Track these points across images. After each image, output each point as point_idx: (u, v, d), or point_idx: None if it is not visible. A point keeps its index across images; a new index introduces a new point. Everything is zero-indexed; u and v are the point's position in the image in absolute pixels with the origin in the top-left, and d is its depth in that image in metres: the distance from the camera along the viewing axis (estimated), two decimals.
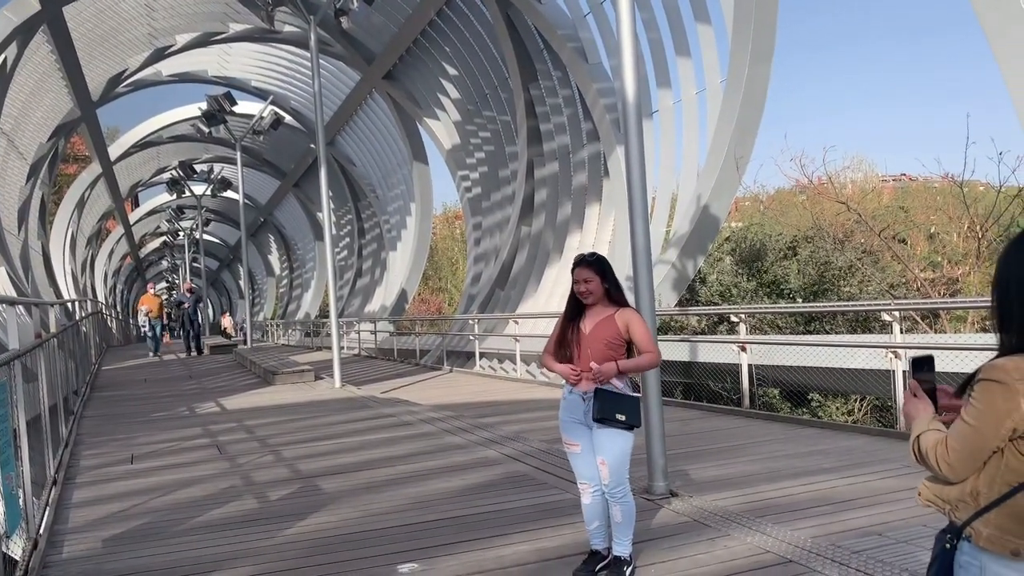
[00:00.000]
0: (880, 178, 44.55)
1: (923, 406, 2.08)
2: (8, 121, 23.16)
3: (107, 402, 13.07)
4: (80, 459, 8.04)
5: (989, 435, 1.90)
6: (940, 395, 2.11)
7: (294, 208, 48.68)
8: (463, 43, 24.63)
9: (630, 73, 5.63)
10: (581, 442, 4.04)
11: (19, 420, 4.87)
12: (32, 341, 6.47)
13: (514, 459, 6.96)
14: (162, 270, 72.05)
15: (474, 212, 28.31)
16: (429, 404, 11.01)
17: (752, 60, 14.89)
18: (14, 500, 4.37)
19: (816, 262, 18.32)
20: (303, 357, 21.15)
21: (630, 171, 5.63)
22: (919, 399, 2.10)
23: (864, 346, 10.03)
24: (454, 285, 57.39)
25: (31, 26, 19.80)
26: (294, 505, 5.84)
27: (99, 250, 53.36)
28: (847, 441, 7.31)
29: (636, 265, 5.58)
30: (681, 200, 17.48)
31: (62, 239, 36.96)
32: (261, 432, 9.27)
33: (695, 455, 6.92)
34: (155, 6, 25.63)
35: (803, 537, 4.52)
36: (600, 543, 4.16)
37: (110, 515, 5.80)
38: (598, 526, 4.13)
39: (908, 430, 2.09)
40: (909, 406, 2.12)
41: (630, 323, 4.02)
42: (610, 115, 18.78)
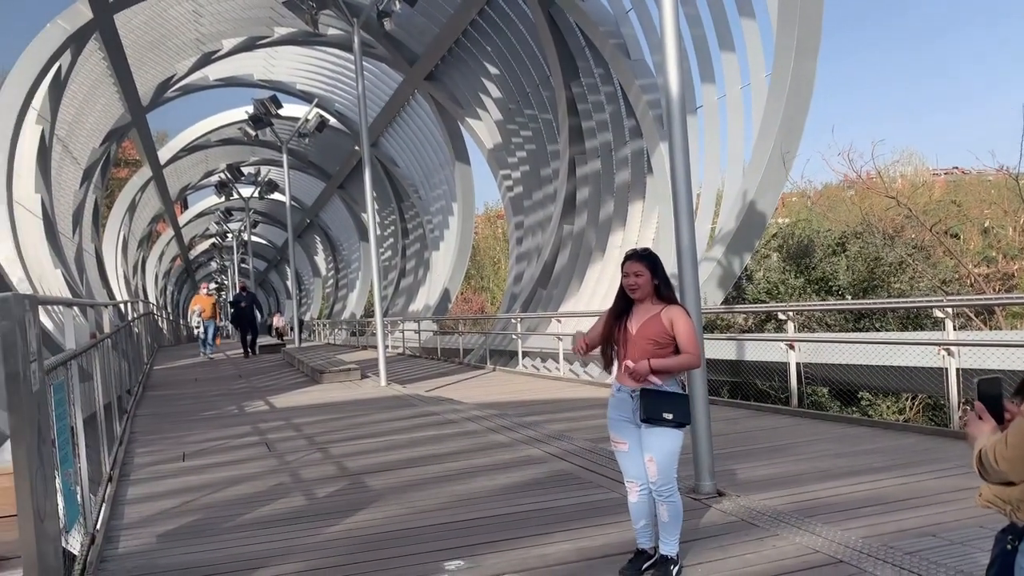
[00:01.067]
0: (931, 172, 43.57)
1: (986, 426, 2.02)
2: (63, 127, 23.78)
3: (159, 401, 13.36)
4: (134, 457, 8.22)
5: None
6: (1006, 413, 2.04)
7: (339, 209, 49.24)
8: (504, 42, 24.67)
9: (674, 69, 5.59)
10: (629, 440, 4.01)
11: (76, 418, 4.99)
12: (87, 341, 6.64)
13: (558, 458, 6.96)
14: (211, 271, 73.35)
15: (516, 211, 28.34)
16: (473, 402, 11.04)
17: (798, 54, 14.68)
18: (72, 496, 4.48)
19: (865, 258, 17.98)
20: (349, 356, 21.38)
21: (674, 168, 5.59)
22: (983, 420, 2.03)
23: (916, 343, 9.82)
24: (496, 284, 57.51)
25: (84, 34, 20.32)
26: (341, 502, 5.91)
27: (150, 252, 54.55)
28: (898, 440, 7.16)
29: (681, 263, 5.54)
30: (727, 196, 17.29)
31: (114, 242, 37.86)
32: (309, 430, 9.39)
33: (743, 454, 6.84)
34: (202, 12, 26.10)
35: (854, 537, 4.45)
36: (646, 542, 4.13)
37: (163, 511, 5.93)
38: (644, 524, 4.10)
39: (969, 444, 2.03)
40: (972, 427, 2.04)
41: (675, 320, 3.96)
42: (653, 111, 18.65)
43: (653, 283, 4.01)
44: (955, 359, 7.52)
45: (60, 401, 4.32)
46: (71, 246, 25.68)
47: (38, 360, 3.49)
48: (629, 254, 4.09)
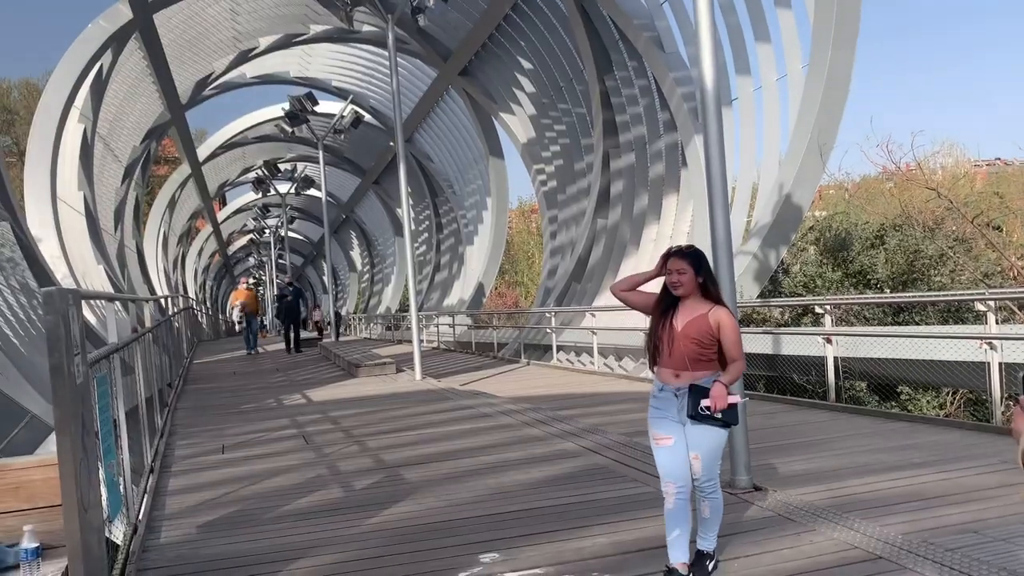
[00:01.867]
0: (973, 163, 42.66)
1: None
2: (104, 126, 24.23)
3: (199, 394, 13.56)
4: (175, 449, 8.37)
5: None
6: None
7: (374, 205, 49.57)
8: (538, 36, 24.63)
9: (708, 61, 5.55)
10: (674, 436, 3.94)
11: (119, 411, 5.10)
12: (129, 335, 6.77)
13: (593, 451, 6.95)
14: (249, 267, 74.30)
15: (550, 205, 28.31)
16: (507, 396, 11.07)
17: (835, 44, 14.47)
18: (115, 487, 4.58)
19: (905, 251, 17.65)
20: (385, 350, 21.53)
21: (709, 160, 5.55)
22: None
23: (957, 337, 9.64)
24: (530, 279, 57.53)
25: (124, 34, 20.68)
26: (378, 494, 5.96)
27: (189, 248, 55.42)
28: (939, 436, 7.05)
29: (717, 257, 5.50)
30: (762, 189, 17.11)
31: (155, 238, 38.53)
32: (346, 423, 9.48)
33: (779, 449, 6.77)
34: (239, 10, 26.41)
35: (893, 533, 4.39)
36: (679, 556, 3.92)
37: (203, 503, 6.03)
38: (679, 535, 3.92)
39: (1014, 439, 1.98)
40: (1018, 422, 1.99)
41: (721, 324, 3.90)
42: (687, 104, 18.51)
43: (697, 280, 3.95)
44: (998, 353, 7.38)
45: (103, 394, 4.41)
46: (113, 242, 26.17)
47: (81, 353, 3.57)
48: (673, 251, 4.02)
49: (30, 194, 18.97)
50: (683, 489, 3.92)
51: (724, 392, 3.82)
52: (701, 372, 3.91)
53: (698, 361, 3.90)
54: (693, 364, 3.90)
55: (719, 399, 3.80)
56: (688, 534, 3.97)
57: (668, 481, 3.95)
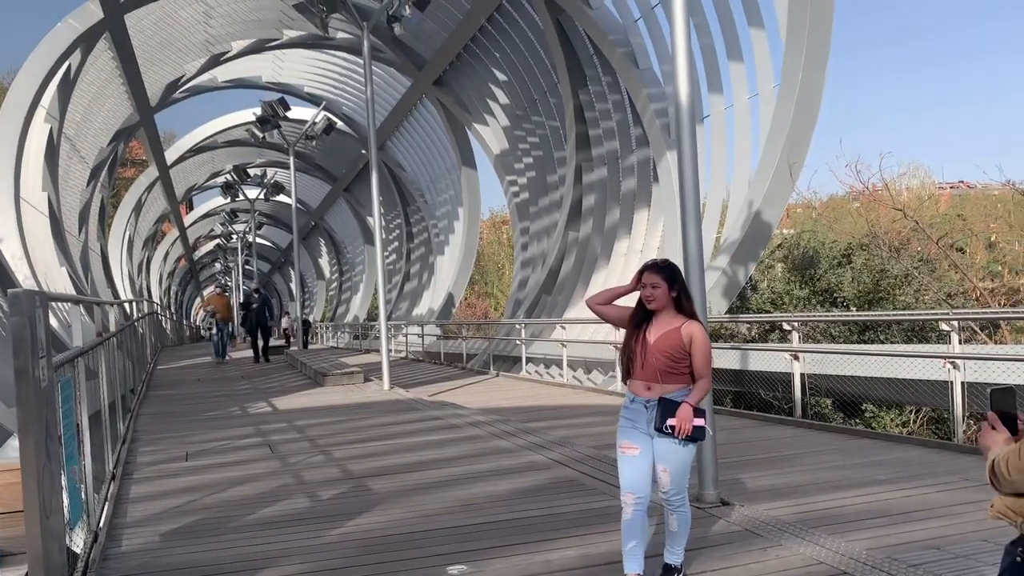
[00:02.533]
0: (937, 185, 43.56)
1: (999, 436, 2.00)
2: (71, 126, 23.86)
3: (162, 401, 13.37)
4: (137, 456, 8.23)
5: None
6: (1021, 423, 2.02)
7: (344, 212, 49.33)
8: (513, 48, 24.73)
9: (683, 78, 5.60)
10: (641, 447, 3.95)
11: (82, 416, 5.00)
12: (93, 339, 6.65)
13: (562, 464, 6.95)
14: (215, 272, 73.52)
15: (522, 217, 28.37)
16: (476, 408, 11.04)
17: (806, 65, 14.69)
18: (77, 493, 4.49)
19: (871, 270, 17.94)
20: (352, 359, 21.38)
21: (682, 176, 5.59)
22: (997, 431, 2.01)
23: (921, 356, 9.80)
24: (500, 290, 57.55)
25: (94, 34, 20.40)
26: (344, 505, 5.91)
27: (155, 252, 54.65)
28: (903, 453, 7.15)
29: (688, 271, 5.53)
30: (732, 206, 17.30)
31: (120, 241, 37.94)
32: (312, 432, 9.39)
33: (746, 464, 6.82)
34: (212, 13, 26.20)
35: (858, 549, 4.43)
36: (635, 567, 3.95)
37: (166, 511, 5.93)
38: (635, 546, 3.94)
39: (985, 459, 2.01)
40: (985, 438, 2.02)
41: (693, 339, 3.92)
42: (660, 120, 18.68)
43: (671, 295, 3.97)
44: (960, 372, 7.51)
45: (67, 398, 4.33)
46: (77, 245, 25.74)
47: (47, 356, 3.50)
48: (648, 265, 4.04)
49: None
50: (642, 500, 3.92)
51: (690, 414, 3.83)
52: (672, 386, 3.92)
53: (669, 374, 3.92)
54: (664, 377, 3.91)
55: (685, 421, 3.82)
56: (644, 546, 3.99)
57: (628, 491, 3.95)
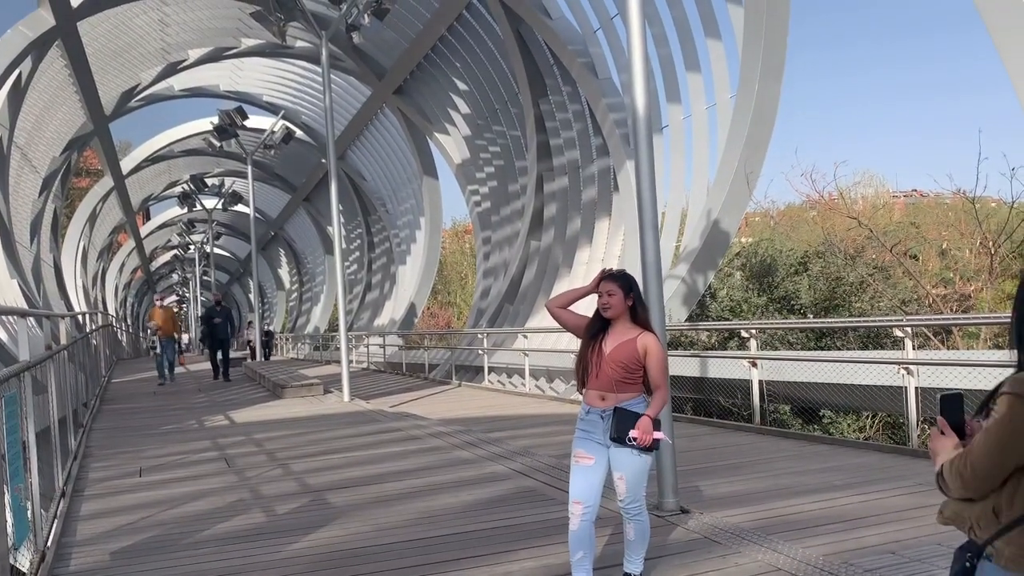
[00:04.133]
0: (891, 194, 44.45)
1: (948, 441, 2.02)
2: (22, 135, 23.34)
3: (117, 415, 13.09)
4: (89, 471, 8.03)
5: (1011, 450, 1.85)
6: (968, 428, 2.05)
7: (304, 222, 48.87)
8: (473, 58, 24.75)
9: (640, 88, 5.63)
10: (596, 456, 3.95)
11: (28, 432, 4.86)
12: (42, 353, 6.49)
13: (523, 474, 6.92)
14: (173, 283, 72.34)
15: (483, 226, 28.36)
16: (438, 418, 10.98)
17: (762, 76, 14.92)
18: (22, 512, 4.36)
19: (827, 277, 18.24)
20: (312, 371, 21.14)
21: (640, 185, 5.62)
22: (946, 436, 2.03)
23: (876, 362, 9.96)
24: (463, 299, 57.43)
25: (46, 41, 20.00)
26: (302, 519, 5.82)
27: (110, 263, 53.64)
28: (859, 458, 7.24)
29: (646, 280, 5.56)
30: (691, 215, 17.47)
31: (74, 252, 37.18)
32: (270, 445, 9.25)
33: (705, 471, 6.86)
34: (168, 21, 25.85)
35: (815, 555, 4.47)
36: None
37: (118, 528, 5.78)
38: (582, 557, 3.93)
39: (932, 459, 2.04)
40: (935, 443, 2.04)
41: (648, 350, 3.93)
42: (620, 130, 18.82)
43: (627, 303, 3.99)
44: (914, 378, 7.64)
45: (12, 414, 4.20)
46: (28, 256, 25.15)
47: None
48: (605, 274, 4.06)
49: None
50: (589, 510, 3.91)
51: (650, 427, 3.84)
52: (626, 395, 3.93)
53: (623, 384, 3.92)
54: (618, 387, 3.92)
55: (646, 433, 3.82)
56: (592, 557, 3.98)
57: (576, 500, 3.93)
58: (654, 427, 3.86)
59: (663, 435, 3.94)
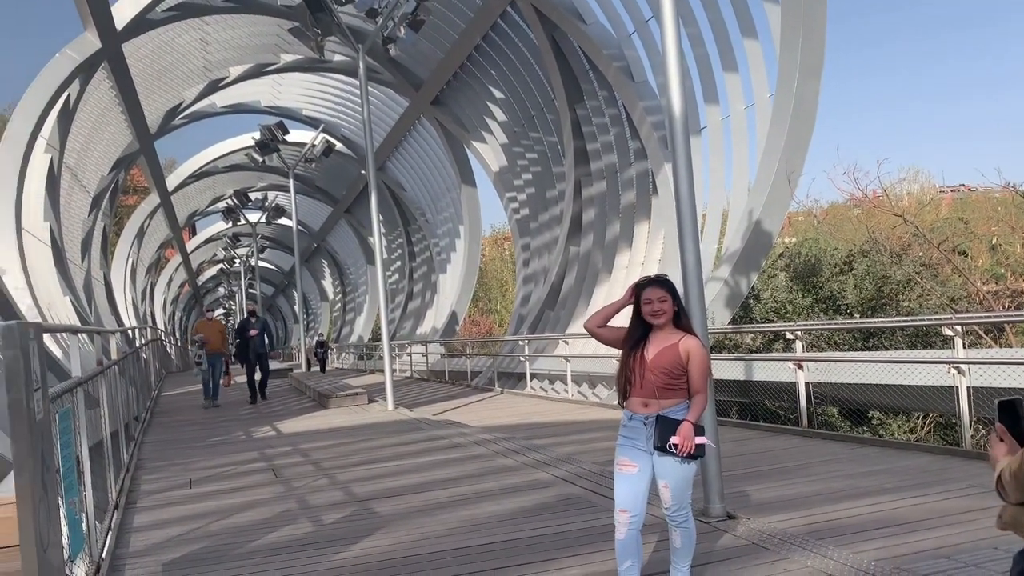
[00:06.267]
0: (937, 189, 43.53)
1: (1007, 447, 1.98)
2: (72, 156, 23.95)
3: (166, 427, 13.33)
4: (141, 484, 8.19)
5: None
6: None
7: (346, 233, 49.39)
8: (509, 66, 24.83)
9: (676, 90, 5.60)
10: (639, 464, 3.92)
11: (82, 446, 4.98)
12: (94, 368, 6.64)
13: (567, 481, 6.90)
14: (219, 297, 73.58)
15: (522, 233, 28.39)
16: (480, 426, 10.99)
17: (801, 74, 14.74)
18: (77, 525, 4.46)
19: (873, 276, 17.89)
20: (356, 380, 21.34)
21: (678, 188, 5.59)
22: (1004, 442, 1.98)
23: (925, 362, 9.74)
24: (503, 306, 57.50)
25: (92, 63, 20.51)
26: (348, 528, 5.87)
27: (158, 278, 54.75)
28: (910, 460, 7.09)
29: (687, 284, 5.52)
30: (732, 216, 17.30)
31: (123, 268, 38.02)
32: (316, 455, 9.35)
33: (752, 476, 6.77)
34: (209, 40, 26.36)
35: (866, 560, 4.39)
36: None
37: (170, 539, 5.89)
38: (630, 566, 3.91)
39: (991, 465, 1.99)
40: (994, 449, 2.00)
41: (691, 354, 3.90)
42: (658, 133, 18.72)
43: (674, 309, 3.98)
44: (966, 377, 7.46)
45: (65, 429, 4.30)
46: (80, 273, 25.78)
47: (42, 388, 3.48)
48: (648, 281, 4.02)
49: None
50: (636, 519, 3.88)
51: (691, 432, 3.80)
52: (669, 401, 3.89)
53: (667, 390, 3.89)
54: (661, 393, 3.89)
55: (687, 439, 3.79)
56: (640, 565, 3.95)
57: (622, 509, 3.90)
58: (696, 433, 3.82)
59: (706, 440, 3.90)
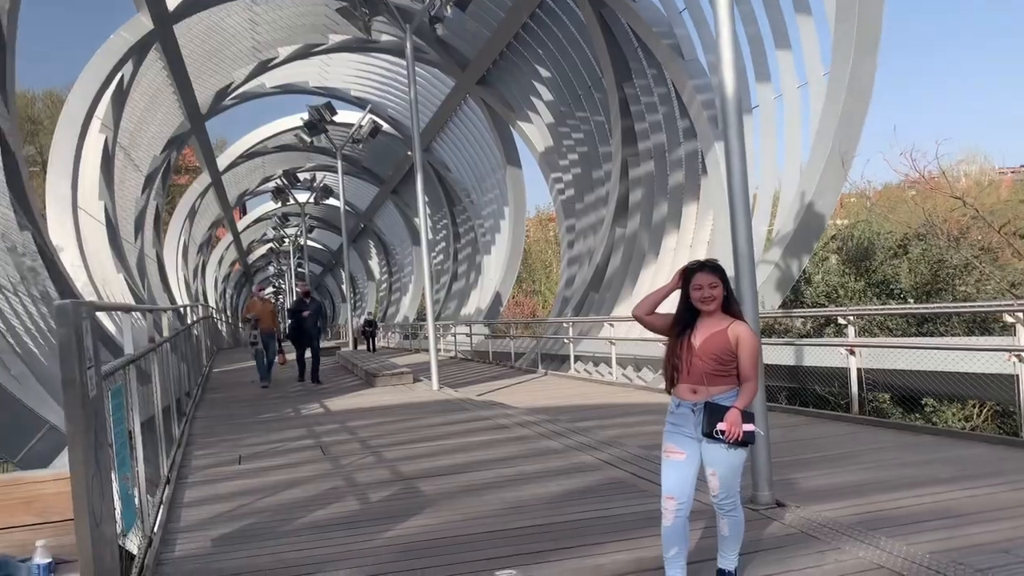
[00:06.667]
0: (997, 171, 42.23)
1: None
2: (125, 136, 24.43)
3: (217, 404, 13.58)
4: (191, 459, 8.35)
5: None
6: None
7: (392, 214, 49.71)
8: (556, 45, 24.62)
9: (729, 68, 5.46)
10: (687, 451, 3.86)
11: (134, 422, 5.07)
12: (146, 346, 6.76)
13: (612, 465, 6.85)
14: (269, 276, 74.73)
15: (568, 214, 28.25)
16: (524, 407, 10.99)
17: (857, 51, 14.34)
18: (130, 499, 4.55)
19: (929, 260, 17.44)
20: (402, 359, 21.51)
21: (731, 168, 5.46)
22: None
23: (984, 349, 9.47)
24: (547, 288, 57.42)
25: (145, 44, 20.85)
26: (395, 507, 5.90)
27: (209, 257, 55.79)
28: (966, 450, 6.90)
29: (738, 269, 5.40)
30: (784, 197, 16.96)
31: (175, 247, 38.80)
32: (363, 433, 9.44)
33: (802, 463, 6.65)
34: (259, 20, 26.59)
35: (921, 552, 4.27)
36: (678, 573, 3.88)
37: (219, 515, 5.98)
38: (676, 553, 3.85)
39: None
40: None
41: (741, 339, 3.82)
42: (708, 112, 18.41)
43: (723, 295, 3.90)
44: None
45: (118, 406, 4.38)
46: (133, 251, 26.35)
47: (95, 366, 3.53)
48: (698, 266, 3.93)
49: (52, 204, 19.14)
50: (683, 506, 3.82)
51: (739, 418, 3.73)
52: (718, 388, 3.82)
53: (715, 376, 3.82)
54: (710, 380, 3.82)
55: (734, 425, 3.71)
56: (686, 552, 3.90)
57: (669, 496, 3.85)
58: (744, 419, 3.75)
59: (754, 428, 3.82)
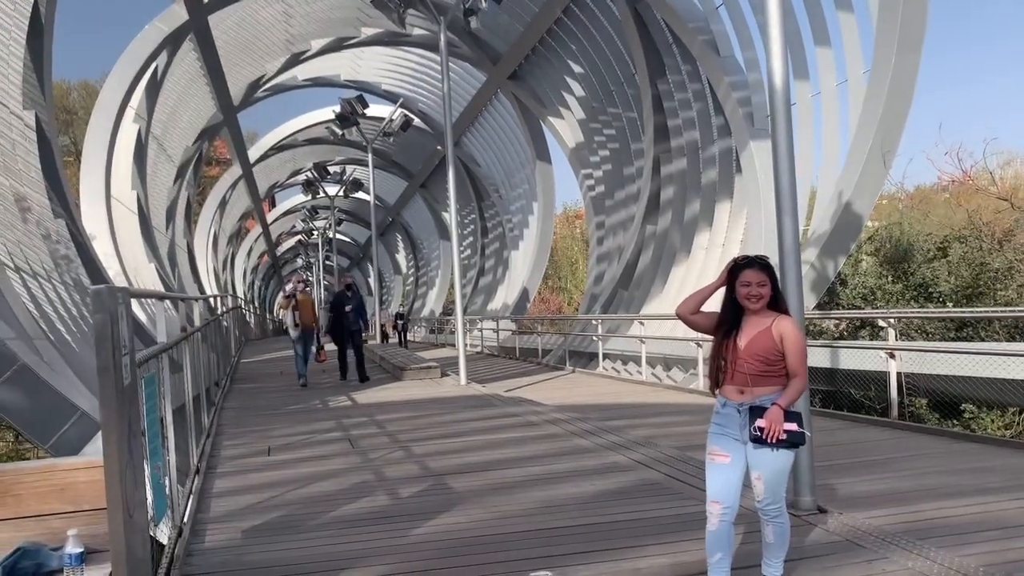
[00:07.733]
0: None
1: None
2: (158, 126, 24.61)
3: (246, 394, 13.60)
4: (221, 449, 8.32)
5: None
6: None
7: (420, 208, 49.76)
8: (589, 40, 24.43)
9: (778, 63, 5.31)
10: (732, 454, 3.74)
11: (166, 411, 5.02)
12: (178, 335, 6.72)
13: (645, 465, 6.72)
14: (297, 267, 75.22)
15: (597, 211, 28.05)
16: (553, 404, 10.87)
17: (900, 48, 14.04)
18: (161, 489, 4.49)
19: (969, 263, 17.04)
20: (429, 353, 21.47)
21: (777, 165, 5.31)
22: None
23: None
24: (574, 285, 57.25)
25: (179, 35, 20.96)
26: (424, 503, 5.81)
27: (239, 248, 56.23)
28: (1014, 459, 6.68)
29: (784, 267, 5.24)
30: (821, 197, 16.66)
31: (205, 237, 39.11)
32: (391, 427, 9.37)
33: (842, 468, 6.48)
34: (292, 13, 26.67)
35: (973, 564, 4.10)
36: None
37: (249, 506, 5.93)
38: (720, 558, 3.75)
39: None
40: None
41: (785, 335, 3.67)
42: (743, 109, 18.12)
43: (771, 294, 3.75)
44: None
45: (151, 394, 4.32)
46: (164, 241, 26.56)
47: (130, 353, 3.47)
48: (747, 262, 3.78)
49: (85, 193, 19.31)
50: (728, 510, 3.71)
51: (780, 415, 3.57)
52: (764, 388, 3.68)
53: (761, 377, 3.67)
54: (755, 381, 3.68)
55: (775, 422, 3.55)
56: (730, 558, 3.77)
57: (714, 500, 3.74)
58: (788, 419, 3.58)
59: (796, 427, 3.64)
